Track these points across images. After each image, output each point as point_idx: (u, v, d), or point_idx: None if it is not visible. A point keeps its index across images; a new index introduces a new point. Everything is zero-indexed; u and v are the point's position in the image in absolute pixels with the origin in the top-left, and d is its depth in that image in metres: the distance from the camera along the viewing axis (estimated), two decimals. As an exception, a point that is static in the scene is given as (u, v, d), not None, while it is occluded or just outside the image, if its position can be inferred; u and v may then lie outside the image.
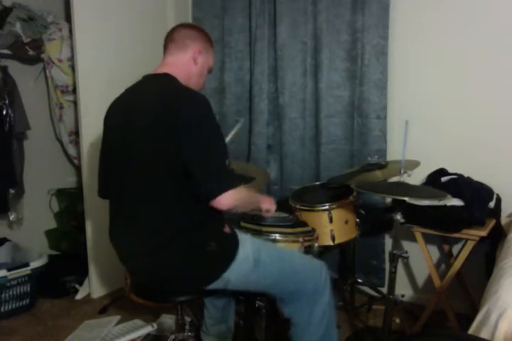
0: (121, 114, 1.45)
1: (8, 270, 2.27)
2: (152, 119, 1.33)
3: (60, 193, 2.95)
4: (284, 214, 1.93)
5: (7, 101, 2.46)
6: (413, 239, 2.09)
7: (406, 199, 1.56)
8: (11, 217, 2.60)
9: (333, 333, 1.59)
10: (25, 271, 2.33)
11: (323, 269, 1.56)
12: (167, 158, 1.32)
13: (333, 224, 1.94)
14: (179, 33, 1.51)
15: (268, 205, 1.60)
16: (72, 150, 2.78)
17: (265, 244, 1.55)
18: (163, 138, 1.31)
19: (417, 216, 1.97)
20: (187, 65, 1.50)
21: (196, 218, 1.37)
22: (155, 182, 1.35)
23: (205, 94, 2.30)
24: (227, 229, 1.44)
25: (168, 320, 2.23)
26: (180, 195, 1.35)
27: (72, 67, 2.50)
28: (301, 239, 1.73)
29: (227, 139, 1.91)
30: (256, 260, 1.42)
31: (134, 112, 1.39)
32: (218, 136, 1.36)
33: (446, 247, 2.27)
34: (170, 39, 1.52)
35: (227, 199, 1.30)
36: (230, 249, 1.39)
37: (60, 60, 2.56)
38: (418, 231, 2.03)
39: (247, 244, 1.44)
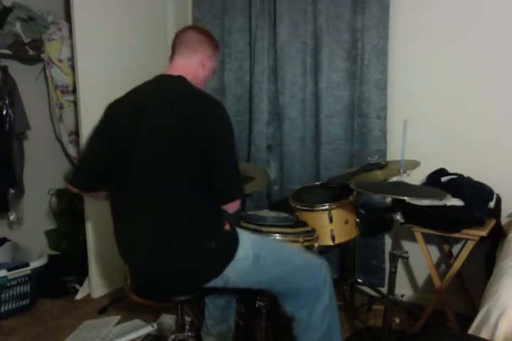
0: (135, 111, 1.41)
1: (8, 270, 2.27)
2: (174, 121, 1.35)
3: (60, 193, 2.94)
4: (284, 214, 1.94)
5: (7, 101, 2.46)
6: (413, 239, 2.09)
7: (405, 198, 1.55)
8: (11, 217, 2.59)
9: (336, 334, 1.59)
10: (25, 271, 2.33)
11: (324, 267, 1.56)
12: (183, 161, 1.33)
13: (333, 224, 1.94)
14: (191, 37, 1.54)
15: None
16: (72, 150, 2.77)
17: (265, 241, 1.57)
18: (183, 142, 1.33)
19: (416, 216, 1.97)
20: (196, 69, 1.54)
21: (199, 217, 1.38)
22: (161, 183, 1.35)
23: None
24: (227, 227, 1.44)
25: (168, 320, 2.23)
26: (184, 195, 1.36)
27: (72, 67, 2.49)
28: (301, 239, 1.73)
29: None
30: (256, 258, 1.43)
31: (152, 112, 1.37)
32: (235, 142, 1.43)
33: (446, 247, 2.27)
34: (180, 41, 1.54)
35: (237, 204, 1.43)
36: (229, 247, 1.40)
37: (60, 60, 2.56)
38: (418, 231, 2.03)
39: (247, 242, 1.45)
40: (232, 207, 1.42)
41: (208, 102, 1.41)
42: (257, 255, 1.43)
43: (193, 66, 1.53)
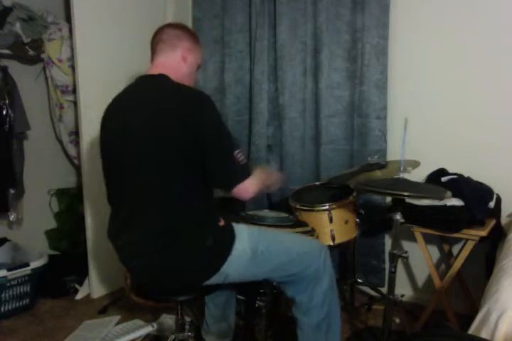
0: (122, 116, 1.44)
1: (8, 270, 2.27)
2: (162, 119, 1.35)
3: (60, 193, 2.95)
4: (284, 214, 1.94)
5: (7, 101, 2.46)
6: (413, 239, 2.09)
7: (406, 194, 1.53)
8: (11, 217, 2.59)
9: (335, 318, 1.59)
10: (25, 271, 2.33)
11: (323, 252, 1.56)
12: (177, 159, 1.33)
13: (333, 224, 1.94)
14: (168, 34, 1.53)
15: (278, 184, 1.62)
16: (72, 150, 2.78)
17: (264, 234, 1.55)
18: (177, 139, 1.33)
19: (416, 216, 1.97)
20: (178, 64, 1.52)
21: (196, 216, 1.38)
22: (158, 183, 1.35)
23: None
24: (222, 223, 1.45)
25: (168, 320, 2.23)
26: (182, 194, 1.36)
27: (72, 67, 2.50)
28: (301, 239, 1.73)
29: None
30: (253, 251, 1.43)
31: (141, 113, 1.39)
32: (227, 129, 1.41)
33: (446, 247, 2.27)
34: (158, 40, 1.53)
35: (247, 188, 1.37)
36: (226, 243, 1.41)
37: (60, 60, 2.56)
38: (418, 231, 2.03)
39: (244, 236, 1.45)
40: (244, 193, 1.37)
41: (192, 96, 1.39)
42: (255, 249, 1.43)
43: (174, 62, 1.51)
